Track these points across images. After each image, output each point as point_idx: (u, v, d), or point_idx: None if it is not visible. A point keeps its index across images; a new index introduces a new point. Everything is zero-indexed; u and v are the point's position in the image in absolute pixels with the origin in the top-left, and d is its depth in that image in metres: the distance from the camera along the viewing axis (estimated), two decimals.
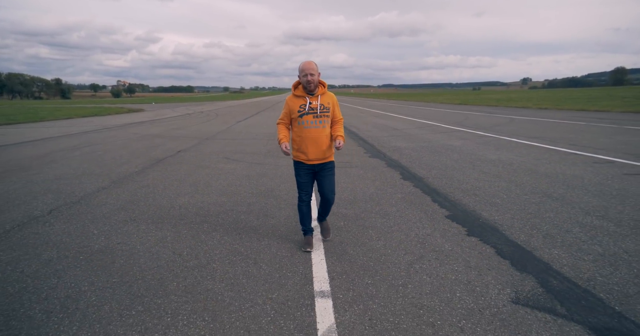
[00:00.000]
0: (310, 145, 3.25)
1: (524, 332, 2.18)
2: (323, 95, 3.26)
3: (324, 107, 3.24)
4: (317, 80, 3.19)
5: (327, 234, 3.68)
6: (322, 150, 3.28)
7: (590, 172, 6.18)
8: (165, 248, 3.54)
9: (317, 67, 3.17)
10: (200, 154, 9.15)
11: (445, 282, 2.79)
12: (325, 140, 3.27)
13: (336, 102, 3.36)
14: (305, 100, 3.22)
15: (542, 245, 3.40)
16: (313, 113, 3.21)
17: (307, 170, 3.36)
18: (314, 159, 3.31)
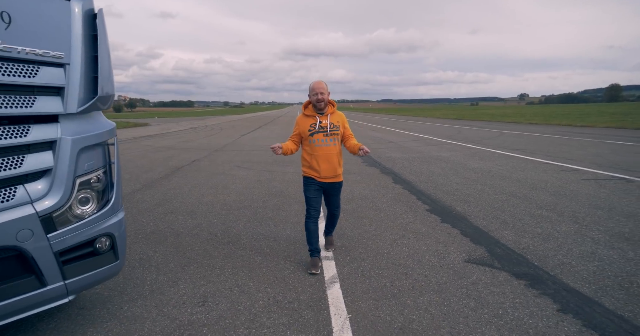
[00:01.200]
0: (322, 162, 3.34)
1: (468, 277, 3.15)
2: (332, 114, 3.38)
3: (334, 126, 3.34)
4: (327, 99, 3.33)
5: (330, 246, 3.84)
6: (334, 167, 3.37)
7: (554, 178, 7.20)
8: (203, 231, 4.51)
9: (327, 87, 3.34)
10: (213, 163, 10.15)
11: (418, 251, 3.76)
12: (336, 157, 3.37)
13: (345, 120, 3.49)
14: (316, 119, 3.33)
15: (497, 228, 4.38)
16: (323, 131, 3.31)
17: (317, 186, 3.42)
18: (326, 177, 3.39)
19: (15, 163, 2.03)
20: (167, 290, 3.01)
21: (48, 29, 2.08)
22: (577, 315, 2.55)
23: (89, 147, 2.36)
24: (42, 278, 2.11)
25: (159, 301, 2.84)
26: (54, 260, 2.15)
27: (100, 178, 2.45)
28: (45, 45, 2.05)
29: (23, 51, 1.95)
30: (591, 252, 3.62)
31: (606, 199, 5.52)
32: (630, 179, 6.90)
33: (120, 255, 2.57)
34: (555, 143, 13.56)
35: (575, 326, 2.41)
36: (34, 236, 2.06)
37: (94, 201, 2.40)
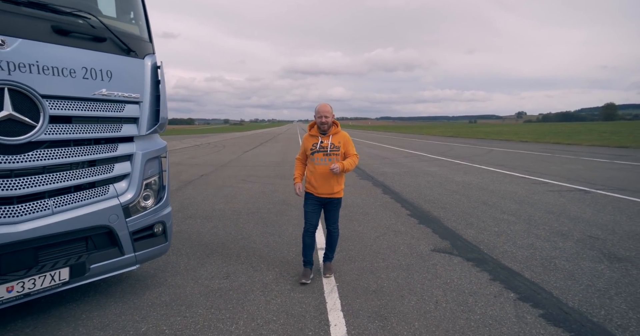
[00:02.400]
0: (320, 179, 3.54)
1: (430, 260, 4.07)
2: (335, 135, 3.54)
3: (334, 146, 3.50)
4: (331, 121, 3.51)
5: (329, 272, 3.74)
6: (331, 185, 3.55)
7: (524, 189, 8.16)
8: (219, 230, 5.43)
9: (332, 110, 3.53)
10: (220, 177, 11.11)
11: (395, 244, 4.69)
12: (334, 176, 3.53)
13: (348, 140, 3.62)
14: (318, 140, 3.54)
15: (462, 228, 5.31)
16: (323, 151, 3.50)
17: (315, 201, 3.62)
18: (323, 193, 3.58)
19: (109, 170, 3.00)
20: (198, 269, 3.92)
21: (131, 79, 3.10)
22: (502, 281, 3.47)
23: (151, 158, 3.34)
24: (122, 249, 3.04)
25: (193, 276, 3.75)
26: (129, 237, 3.09)
27: (156, 182, 3.42)
28: (129, 89, 3.06)
29: (118, 95, 2.96)
30: (530, 243, 4.55)
31: (560, 206, 6.47)
32: (588, 191, 7.86)
33: (169, 238, 3.51)
34: (537, 160, 14.57)
35: (499, 288, 3.33)
36: (119, 219, 3.01)
37: (152, 197, 3.36)
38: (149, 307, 3.09)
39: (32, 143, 2.50)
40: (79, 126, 2.76)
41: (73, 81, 2.68)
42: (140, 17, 3.44)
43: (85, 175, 2.84)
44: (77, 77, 2.71)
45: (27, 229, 2.48)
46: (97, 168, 2.93)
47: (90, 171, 2.89)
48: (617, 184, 8.61)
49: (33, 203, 2.55)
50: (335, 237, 3.83)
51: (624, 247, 4.38)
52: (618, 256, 4.10)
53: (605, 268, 3.77)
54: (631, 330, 2.65)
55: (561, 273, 3.64)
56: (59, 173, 2.68)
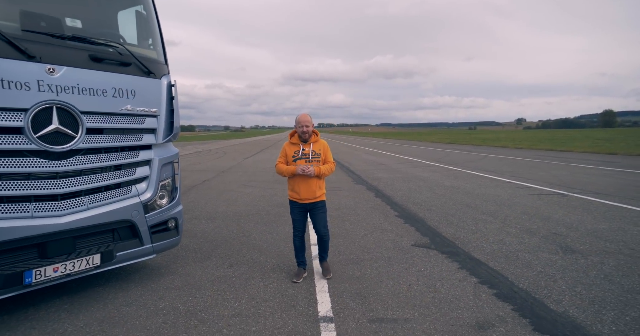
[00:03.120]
0: (302, 185, 3.76)
1: (410, 253, 4.61)
2: (315, 143, 3.82)
3: (315, 153, 3.76)
4: (311, 130, 3.78)
5: (328, 273, 3.90)
6: (313, 190, 3.77)
7: (507, 193, 8.71)
8: (222, 229, 5.97)
9: (312, 119, 3.80)
10: (222, 182, 11.66)
11: (380, 240, 5.23)
12: (316, 181, 3.76)
13: (327, 148, 3.88)
14: (299, 147, 3.78)
15: (443, 227, 5.85)
16: (305, 158, 3.74)
17: (300, 208, 3.86)
18: (306, 198, 3.79)
19: (132, 173, 3.57)
20: (204, 261, 4.46)
21: (150, 96, 3.68)
22: (469, 270, 4.01)
23: (166, 163, 3.91)
24: (142, 240, 3.59)
25: (200, 266, 4.29)
26: (148, 230, 3.64)
27: (170, 184, 3.99)
28: (149, 105, 3.64)
29: (140, 110, 3.54)
30: (500, 239, 5.10)
31: (536, 208, 7.02)
32: (565, 194, 8.41)
33: (180, 232, 4.06)
34: (526, 166, 15.14)
35: (464, 274, 3.87)
36: (139, 215, 3.56)
37: (167, 197, 3.92)
38: (164, 290, 3.63)
39: (72, 150, 3.06)
40: (108, 136, 3.33)
41: (105, 99, 3.26)
42: (157, 43, 4.04)
43: (113, 177, 3.41)
44: (108, 96, 3.29)
45: (68, 221, 3.04)
46: (123, 172, 3.50)
47: (117, 174, 3.45)
48: (594, 188, 9.16)
49: (72, 200, 3.11)
50: (326, 240, 3.98)
51: (580, 242, 4.92)
52: (573, 249, 4.64)
53: (558, 258, 4.31)
54: (563, 303, 3.20)
55: (520, 263, 4.18)
56: (93, 176, 3.25)
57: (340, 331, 2.83)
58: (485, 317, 3.00)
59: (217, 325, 2.95)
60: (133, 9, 3.96)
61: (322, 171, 3.74)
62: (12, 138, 2.74)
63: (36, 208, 2.90)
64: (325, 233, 3.93)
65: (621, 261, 4.18)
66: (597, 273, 3.87)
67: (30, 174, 2.87)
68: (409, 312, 3.12)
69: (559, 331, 2.76)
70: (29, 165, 2.83)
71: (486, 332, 2.78)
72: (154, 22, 4.04)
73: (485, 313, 3.08)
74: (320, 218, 3.87)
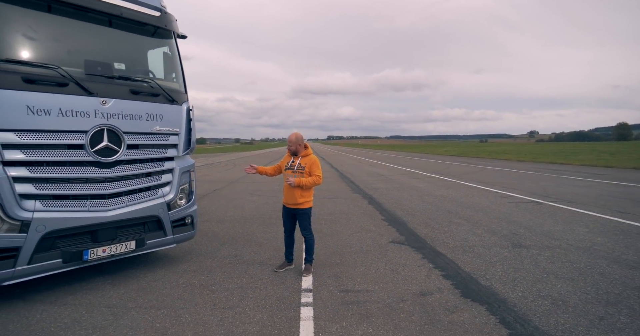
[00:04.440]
0: (286, 192, 4.50)
1: (385, 248, 5.50)
2: (304, 157, 4.48)
3: (301, 166, 4.42)
4: (296, 148, 4.48)
5: (306, 273, 4.43)
6: (294, 197, 4.39)
7: (489, 201, 9.53)
8: (230, 230, 6.93)
9: (297, 138, 4.47)
10: (231, 192, 12.68)
11: (363, 238, 6.12)
12: (298, 191, 4.36)
13: (314, 163, 4.47)
14: (290, 159, 4.57)
15: (420, 228, 6.72)
16: (291, 169, 4.47)
17: (286, 211, 4.58)
18: (288, 203, 4.48)
19: (159, 179, 4.57)
20: (214, 252, 5.41)
21: (173, 119, 4.71)
22: (429, 259, 4.89)
23: (184, 172, 4.91)
24: (165, 232, 4.57)
25: (211, 256, 5.23)
26: (170, 224, 4.62)
27: (187, 188, 4.98)
28: (172, 125, 4.67)
29: (165, 130, 4.57)
30: (465, 238, 5.96)
31: (508, 214, 7.84)
32: (541, 202, 9.20)
33: (195, 228, 5.03)
34: (519, 178, 15.87)
35: (423, 262, 4.75)
36: (164, 212, 4.55)
37: (185, 198, 4.91)
38: (182, 272, 4.59)
39: (117, 161, 4.08)
40: (142, 150, 4.36)
41: (140, 122, 4.30)
42: (179, 77, 5.10)
43: (145, 182, 4.42)
44: (143, 119, 4.32)
45: (112, 215, 4.04)
46: (152, 178, 4.51)
47: (148, 179, 4.46)
48: (570, 198, 9.92)
49: (116, 198, 4.11)
50: (309, 242, 4.53)
51: (530, 240, 5.76)
52: (521, 244, 5.48)
53: (506, 251, 5.16)
54: (492, 280, 4.07)
55: (473, 254, 5.05)
56: (130, 180, 4.26)
57: (316, 297, 3.74)
58: (428, 289, 3.89)
59: (223, 293, 3.89)
60: (161, 49, 5.04)
61: (302, 182, 4.32)
62: (77, 153, 3.77)
63: (91, 205, 3.91)
64: (308, 236, 4.52)
65: (555, 253, 5.02)
66: (530, 261, 4.72)
67: (88, 179, 3.89)
68: (371, 286, 4.02)
69: (478, 296, 3.64)
70: (87, 172, 3.86)
71: (424, 297, 3.66)
72: (177, 59, 5.10)
73: (429, 286, 3.96)
74: (301, 223, 4.50)
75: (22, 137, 3.42)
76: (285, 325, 3.18)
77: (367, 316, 3.32)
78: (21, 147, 3.44)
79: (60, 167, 3.71)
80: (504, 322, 3.17)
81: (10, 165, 3.40)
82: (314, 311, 3.43)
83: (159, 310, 3.49)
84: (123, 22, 4.31)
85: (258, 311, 3.46)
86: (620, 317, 3.23)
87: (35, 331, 3.08)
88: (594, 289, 3.85)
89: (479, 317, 3.27)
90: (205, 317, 3.34)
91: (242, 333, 3.05)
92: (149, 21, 4.52)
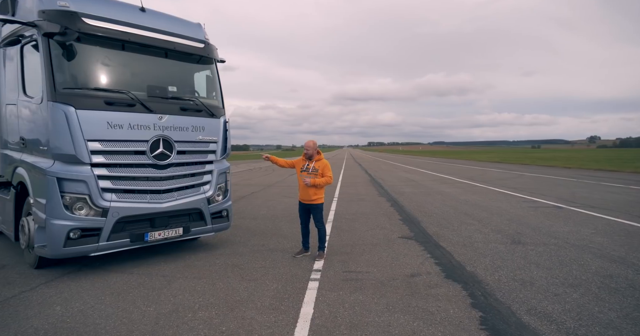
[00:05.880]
0: (301, 190, 5.39)
1: (394, 242, 6.20)
2: (317, 161, 5.32)
3: (315, 169, 5.27)
4: (311, 153, 5.31)
5: (319, 258, 5.26)
6: (308, 194, 5.28)
7: (510, 205, 9.81)
8: (261, 225, 7.91)
9: (314, 145, 5.35)
10: (266, 194, 13.80)
11: (377, 234, 6.84)
12: (312, 189, 5.23)
13: (326, 166, 5.29)
14: (305, 162, 5.40)
15: (432, 227, 7.31)
16: (307, 171, 5.33)
17: (302, 207, 5.46)
18: (304, 199, 5.39)
19: (201, 178, 5.64)
20: (246, 242, 6.39)
21: (213, 129, 5.77)
22: (429, 251, 5.54)
23: (221, 173, 5.94)
24: (206, 222, 5.60)
25: (243, 244, 6.21)
26: (209, 216, 5.65)
27: (223, 186, 6.01)
28: (211, 135, 5.73)
29: (206, 139, 5.63)
30: (469, 235, 6.50)
31: (523, 216, 8.18)
32: (562, 207, 9.36)
33: (230, 220, 6.04)
34: (553, 184, 15.65)
35: (423, 253, 5.41)
36: (205, 205, 5.59)
37: (221, 195, 5.93)
38: (219, 255, 5.59)
39: (169, 164, 5.17)
40: (188, 155, 5.44)
41: (187, 133, 5.38)
42: (218, 94, 6.17)
43: (190, 181, 5.49)
44: (189, 130, 5.41)
45: (166, 206, 5.12)
46: (196, 177, 5.57)
47: (192, 179, 5.53)
48: (595, 203, 9.94)
49: (168, 193, 5.20)
50: (321, 233, 5.37)
51: (531, 238, 6.19)
52: (520, 242, 5.95)
53: (502, 247, 5.68)
54: (477, 268, 4.67)
55: (470, 249, 5.62)
56: (180, 179, 5.34)
57: (323, 275, 4.57)
58: (418, 272, 4.58)
59: (249, 270, 4.82)
60: (204, 72, 6.15)
61: (316, 182, 5.21)
62: (141, 157, 4.90)
63: (150, 198, 5.01)
64: (320, 227, 5.36)
65: (547, 249, 5.47)
66: (520, 254, 5.23)
67: (148, 177, 5.01)
68: (371, 269, 4.77)
69: (459, 278, 4.29)
70: (148, 172, 4.98)
71: (413, 278, 4.37)
72: (216, 80, 6.18)
73: (420, 270, 4.65)
74: (315, 217, 5.40)
75: (103, 145, 4.58)
76: (294, 292, 4.04)
77: (360, 289, 4.09)
78: (103, 152, 4.60)
79: (129, 168, 4.84)
80: (471, 295, 3.82)
81: (96, 167, 4.57)
82: (319, 284, 4.25)
83: (199, 280, 4.49)
84: (176, 54, 5.45)
85: (275, 282, 4.35)
86: (573, 295, 3.76)
87: (113, 289, 4.17)
88: (564, 275, 4.35)
89: (452, 291, 3.93)
90: (234, 285, 4.28)
91: (260, 296, 3.95)
92: (196, 52, 5.63)
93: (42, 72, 4.42)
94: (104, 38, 4.68)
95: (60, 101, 4.36)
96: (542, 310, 3.45)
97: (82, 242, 4.46)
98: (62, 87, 4.41)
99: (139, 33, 4.94)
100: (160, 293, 4.06)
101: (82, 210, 4.47)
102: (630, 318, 3.30)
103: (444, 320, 3.30)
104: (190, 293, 4.03)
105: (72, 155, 4.41)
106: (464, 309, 3.51)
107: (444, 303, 3.66)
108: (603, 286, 4.03)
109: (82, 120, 4.42)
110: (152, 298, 3.91)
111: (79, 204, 4.46)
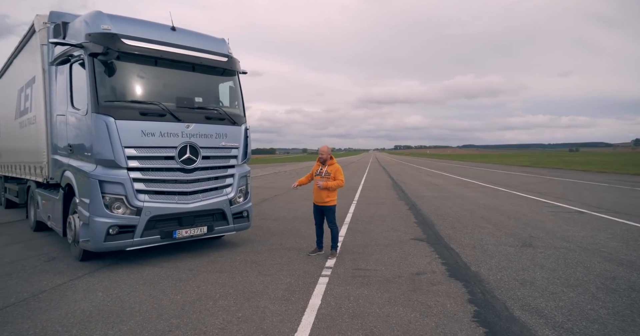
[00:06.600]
0: (315, 193, 5.74)
1: (405, 243, 6.45)
2: (330, 166, 5.68)
3: (327, 173, 5.62)
4: (325, 157, 5.70)
5: (331, 256, 5.59)
6: (321, 197, 5.62)
7: (529, 210, 9.77)
8: (280, 226, 8.34)
9: (328, 150, 5.79)
10: (288, 197, 14.26)
11: (390, 235, 7.10)
12: (325, 192, 5.57)
13: (338, 170, 5.64)
14: (319, 167, 5.80)
15: (445, 230, 7.48)
16: (320, 174, 5.70)
17: (316, 208, 5.82)
18: (317, 202, 5.73)
19: (223, 181, 6.12)
20: (265, 241, 6.81)
21: (235, 136, 6.25)
22: (437, 252, 5.75)
23: (242, 176, 6.41)
24: (228, 222, 6.07)
25: (263, 243, 6.65)
26: (231, 216, 6.12)
27: (244, 189, 6.47)
28: (233, 141, 6.21)
29: (228, 145, 6.12)
30: (481, 238, 6.63)
31: (541, 221, 8.18)
32: (584, 212, 9.24)
33: (251, 220, 6.49)
34: (580, 189, 15.24)
35: (431, 253, 5.64)
36: (227, 206, 6.07)
37: (242, 197, 6.40)
38: (240, 252, 6.04)
39: (195, 168, 5.68)
40: (213, 160, 5.93)
41: (211, 139, 5.88)
42: (240, 104, 6.65)
43: (214, 184, 5.98)
44: (213, 137, 5.90)
45: (192, 206, 5.62)
46: (219, 180, 6.06)
47: (216, 182, 6.02)
48: (620, 209, 9.73)
49: (194, 195, 5.70)
50: (334, 233, 5.73)
51: (543, 242, 6.26)
52: (531, 245, 6.04)
53: (512, 249, 5.80)
54: (481, 268, 4.86)
55: (479, 250, 5.78)
56: (205, 182, 5.84)
57: (333, 272, 4.91)
58: (424, 271, 4.83)
59: (266, 266, 5.23)
60: (227, 83, 6.66)
61: (329, 185, 5.57)
62: (170, 162, 5.43)
63: (178, 199, 5.53)
64: (333, 228, 5.72)
65: (557, 252, 5.56)
66: (528, 256, 5.36)
67: (176, 180, 5.53)
68: (379, 267, 5.07)
69: (462, 277, 4.51)
70: (176, 176, 5.50)
71: (418, 276, 4.63)
72: (239, 91, 6.67)
73: (426, 269, 4.90)
74: (328, 217, 5.76)
75: (138, 151, 5.14)
76: (305, 286, 4.41)
77: (367, 284, 4.41)
78: (138, 158, 5.16)
79: (160, 172, 5.38)
80: (471, 292, 4.05)
81: (131, 170, 5.13)
82: (328, 280, 4.60)
83: (221, 273, 4.94)
84: (202, 67, 5.97)
85: (288, 277, 4.73)
86: (570, 294, 3.92)
87: (146, 279, 4.69)
88: (566, 276, 4.48)
89: (453, 288, 4.17)
90: (251, 279, 4.70)
91: (274, 288, 4.34)
92: (220, 65, 6.14)
93: (87, 87, 5.04)
94: (140, 56, 5.26)
95: (102, 113, 4.95)
96: (535, 306, 3.65)
97: (119, 237, 5.02)
98: (104, 100, 5.01)
99: (170, 50, 5.50)
100: (187, 284, 4.53)
101: (119, 209, 5.04)
102: (619, 315, 3.44)
103: (440, 313, 3.57)
104: (212, 285, 4.48)
105: (112, 160, 4.99)
106: (460, 304, 3.76)
107: (442, 298, 3.92)
108: (602, 287, 4.15)
109: (120, 129, 4.99)
110: (179, 288, 4.39)
111: (117, 204, 5.03)
